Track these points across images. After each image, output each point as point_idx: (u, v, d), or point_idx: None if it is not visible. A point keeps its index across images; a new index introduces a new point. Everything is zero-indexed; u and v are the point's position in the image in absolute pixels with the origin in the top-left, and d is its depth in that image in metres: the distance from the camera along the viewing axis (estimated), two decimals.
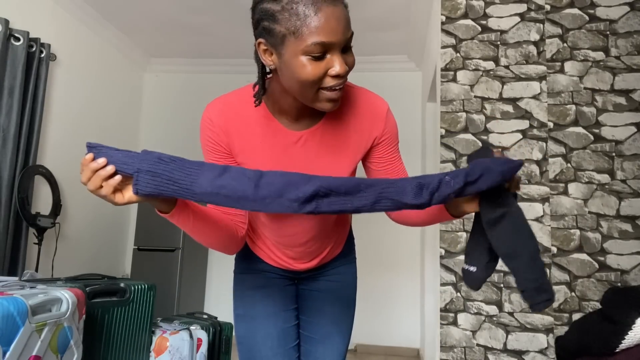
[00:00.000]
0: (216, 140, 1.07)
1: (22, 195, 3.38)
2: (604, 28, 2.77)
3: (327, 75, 0.91)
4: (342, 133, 1.09)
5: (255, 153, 1.08)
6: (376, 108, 1.11)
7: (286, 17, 0.88)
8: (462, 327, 2.65)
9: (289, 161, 1.08)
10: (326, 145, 1.09)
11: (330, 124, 1.09)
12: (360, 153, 1.12)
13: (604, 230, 2.61)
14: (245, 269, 1.30)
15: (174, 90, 5.31)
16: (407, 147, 4.69)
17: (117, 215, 4.86)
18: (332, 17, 0.87)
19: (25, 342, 1.51)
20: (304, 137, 1.08)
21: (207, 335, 2.59)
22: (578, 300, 2.57)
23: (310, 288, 1.32)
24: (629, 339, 1.91)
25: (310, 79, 0.90)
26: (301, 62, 0.89)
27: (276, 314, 1.27)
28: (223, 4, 4.05)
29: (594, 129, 2.70)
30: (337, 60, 0.90)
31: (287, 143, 1.07)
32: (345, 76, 0.93)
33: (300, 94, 0.95)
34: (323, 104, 0.95)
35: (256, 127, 1.07)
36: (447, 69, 2.88)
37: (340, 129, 1.09)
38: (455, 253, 2.72)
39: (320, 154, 1.09)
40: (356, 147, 1.11)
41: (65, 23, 4.07)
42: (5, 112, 3.40)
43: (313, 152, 1.08)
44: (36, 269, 3.48)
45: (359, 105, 1.10)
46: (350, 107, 1.09)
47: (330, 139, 1.09)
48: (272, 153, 1.07)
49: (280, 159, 1.07)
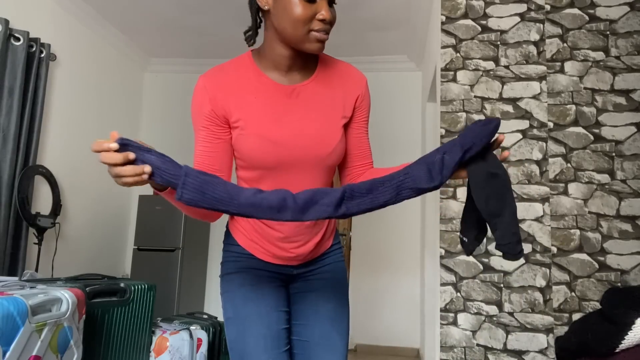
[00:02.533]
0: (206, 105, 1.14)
1: (22, 195, 3.38)
2: (604, 28, 2.77)
3: (316, 18, 1.04)
4: (331, 90, 1.19)
5: (252, 108, 1.14)
6: (358, 75, 1.24)
7: None
8: (462, 327, 2.65)
9: (284, 113, 1.14)
10: (317, 99, 1.17)
11: (320, 81, 1.19)
12: (347, 111, 1.21)
13: (604, 230, 2.61)
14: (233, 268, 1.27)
15: (174, 90, 5.31)
16: (407, 147, 4.73)
17: (117, 215, 4.86)
18: None
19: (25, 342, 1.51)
20: (297, 90, 1.16)
21: (207, 335, 2.59)
22: (578, 300, 2.58)
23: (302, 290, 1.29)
24: (629, 339, 1.91)
25: (301, 18, 1.03)
26: (294, 3, 1.03)
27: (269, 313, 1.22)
28: (223, 4, 4.05)
29: (594, 129, 2.70)
30: (324, 6, 1.04)
31: (281, 96, 1.15)
32: (330, 24, 1.06)
33: (291, 34, 1.06)
34: (312, 44, 1.07)
35: (249, 85, 1.15)
36: (447, 69, 2.88)
37: (328, 86, 1.19)
38: (455, 253, 2.72)
39: (314, 107, 1.16)
40: (343, 104, 1.20)
41: (65, 23, 4.07)
42: (5, 112, 3.40)
43: (307, 104, 1.16)
44: (36, 269, 3.48)
45: (343, 70, 1.22)
46: (336, 70, 1.21)
47: (321, 94, 1.18)
48: (269, 106, 1.14)
49: (277, 111, 1.14)
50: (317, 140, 1.15)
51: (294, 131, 1.14)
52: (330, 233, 1.32)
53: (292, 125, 1.14)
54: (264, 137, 1.12)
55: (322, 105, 1.17)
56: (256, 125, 1.13)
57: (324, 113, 1.17)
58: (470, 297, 2.66)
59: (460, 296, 2.67)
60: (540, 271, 2.63)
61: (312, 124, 1.15)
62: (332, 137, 1.17)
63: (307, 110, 1.16)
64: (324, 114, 1.17)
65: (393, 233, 4.66)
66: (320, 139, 1.15)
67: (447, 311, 2.68)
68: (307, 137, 1.14)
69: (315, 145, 1.15)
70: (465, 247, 1.09)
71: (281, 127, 1.13)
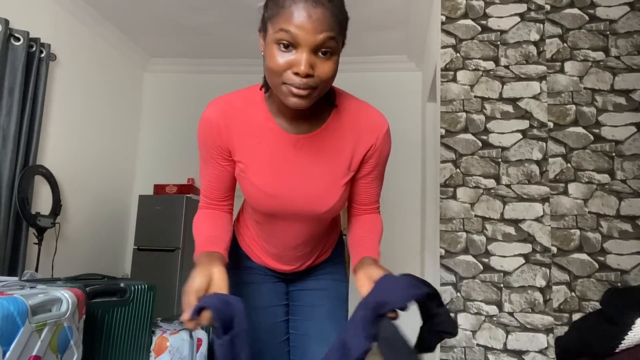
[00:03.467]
0: (212, 140, 1.10)
1: (22, 195, 3.38)
2: (604, 28, 2.77)
3: (290, 70, 0.91)
4: (340, 142, 1.10)
5: (254, 153, 1.09)
6: (375, 123, 1.11)
7: (271, 4, 0.93)
8: (462, 327, 2.65)
9: (285, 165, 1.09)
10: (323, 152, 1.09)
11: (331, 131, 1.09)
12: (354, 164, 1.12)
13: (604, 230, 2.61)
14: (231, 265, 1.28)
15: (174, 90, 5.31)
16: (407, 147, 4.73)
17: (117, 215, 4.86)
18: (306, 13, 0.88)
19: (25, 342, 1.51)
20: (302, 141, 1.08)
21: (207, 335, 2.59)
22: (578, 300, 2.58)
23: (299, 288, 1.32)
24: (629, 339, 1.91)
25: (273, 68, 0.92)
26: (271, 50, 0.92)
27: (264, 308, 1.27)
28: (223, 4, 4.05)
29: (594, 129, 2.70)
30: (302, 58, 0.89)
31: (285, 146, 1.08)
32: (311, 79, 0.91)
33: (270, 84, 0.97)
34: (287, 98, 0.94)
35: (256, 128, 1.08)
36: (447, 69, 2.88)
37: (339, 137, 1.09)
38: (455, 253, 2.72)
39: (318, 162, 1.09)
40: (351, 158, 1.11)
41: (65, 23, 4.07)
42: (5, 112, 3.40)
43: (310, 158, 1.09)
44: (36, 269, 3.48)
45: (360, 118, 1.10)
46: (352, 119, 1.10)
47: (328, 147, 1.09)
48: (270, 155, 1.09)
49: (277, 162, 1.09)
50: (314, 198, 1.11)
51: (292, 185, 1.10)
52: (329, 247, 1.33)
53: (290, 179, 1.09)
54: (260, 188, 1.10)
55: (326, 160, 1.10)
56: (254, 173, 1.10)
57: (327, 169, 1.10)
58: (470, 297, 2.66)
59: (460, 296, 2.67)
60: (540, 271, 2.63)
61: (311, 181, 1.09)
62: (331, 195, 1.11)
63: (310, 165, 1.09)
64: (327, 170, 1.10)
65: (393, 233, 4.66)
66: (317, 197, 1.11)
67: None
68: (304, 194, 1.10)
69: (312, 203, 1.11)
70: None
71: (279, 180, 1.09)
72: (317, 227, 1.20)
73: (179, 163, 4.95)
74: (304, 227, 1.17)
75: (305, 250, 1.24)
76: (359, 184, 1.16)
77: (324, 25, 0.89)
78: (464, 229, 2.73)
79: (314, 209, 1.12)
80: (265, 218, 1.18)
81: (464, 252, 2.70)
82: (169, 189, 4.61)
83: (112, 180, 4.75)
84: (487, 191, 2.73)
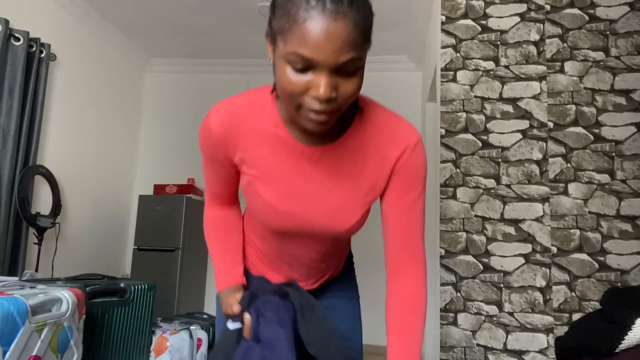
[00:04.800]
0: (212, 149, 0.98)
1: (22, 195, 3.38)
2: (604, 28, 2.77)
3: (308, 94, 0.78)
4: (363, 154, 0.95)
5: (264, 165, 0.96)
6: (403, 134, 0.96)
7: (280, 13, 0.77)
8: (462, 327, 2.65)
9: (299, 179, 0.95)
10: (343, 166, 0.95)
11: (352, 142, 0.94)
12: (380, 182, 0.97)
13: (604, 230, 2.61)
14: None
15: (174, 90, 5.31)
16: None
17: (117, 215, 4.86)
18: (323, 32, 0.72)
19: (25, 342, 1.51)
20: (318, 153, 0.94)
21: (207, 335, 2.59)
22: (578, 300, 2.58)
23: None
24: (629, 340, 1.91)
25: (288, 90, 0.78)
26: (283, 68, 0.78)
27: None
28: (223, 4, 4.05)
29: (594, 129, 2.70)
30: (322, 81, 0.76)
31: (299, 159, 0.94)
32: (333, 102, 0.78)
33: (284, 103, 0.83)
34: (305, 122, 0.82)
35: (265, 137, 0.94)
36: (447, 69, 2.88)
37: (362, 149, 0.95)
38: (455, 253, 2.72)
39: (337, 176, 0.95)
40: (376, 176, 0.96)
41: (65, 23, 4.07)
42: (5, 112, 3.40)
43: (329, 172, 0.95)
44: (36, 269, 3.48)
45: (386, 128, 0.95)
46: (377, 128, 0.95)
47: (348, 160, 0.95)
48: (282, 168, 0.95)
49: (291, 176, 0.95)
50: (332, 217, 0.97)
51: (307, 202, 0.96)
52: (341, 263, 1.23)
53: (305, 196, 0.96)
54: (269, 203, 0.97)
55: (347, 174, 0.95)
56: (263, 186, 0.97)
57: (348, 184, 0.96)
58: (470, 297, 2.66)
59: (460, 296, 2.67)
60: (540, 271, 2.63)
61: (330, 197, 0.96)
62: (352, 213, 0.97)
63: (328, 179, 0.95)
64: (348, 185, 0.96)
65: None
66: (336, 216, 0.97)
67: (447, 311, 2.68)
68: (321, 212, 0.97)
69: (329, 222, 0.98)
70: None
71: (292, 196, 0.96)
72: (332, 247, 1.07)
73: (179, 163, 4.95)
74: (317, 247, 1.05)
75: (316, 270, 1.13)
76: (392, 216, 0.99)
77: (346, 44, 0.74)
78: (464, 229, 2.73)
79: (332, 228, 0.98)
80: (272, 235, 1.05)
81: (464, 252, 2.70)
82: (169, 189, 4.61)
83: (112, 180, 4.76)
84: (487, 191, 2.73)
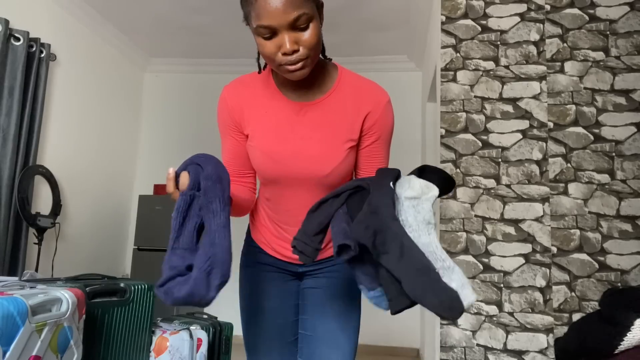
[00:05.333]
0: (227, 116, 1.21)
1: (22, 195, 3.38)
2: (604, 28, 2.77)
3: (279, 52, 1.01)
4: (342, 110, 1.16)
5: (261, 123, 1.18)
6: (374, 93, 1.18)
7: (244, 3, 1.04)
8: (462, 327, 2.65)
9: (288, 131, 1.16)
10: (324, 119, 1.16)
11: (333, 99, 1.16)
12: (354, 132, 1.17)
13: (604, 230, 2.61)
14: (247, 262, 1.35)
15: (174, 90, 5.31)
16: (407, 147, 4.73)
17: (117, 215, 4.86)
18: (270, 2, 0.97)
19: (25, 342, 1.51)
20: (305, 108, 1.16)
21: (207, 335, 2.59)
22: (578, 300, 2.58)
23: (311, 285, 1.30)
24: (628, 341, 1.91)
25: (267, 55, 1.03)
26: (258, 41, 1.03)
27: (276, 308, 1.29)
28: (223, 4, 4.05)
29: (594, 129, 2.70)
30: (284, 39, 1.00)
31: (289, 113, 1.16)
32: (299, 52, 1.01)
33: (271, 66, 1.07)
34: (288, 75, 1.05)
35: (263, 99, 1.18)
36: (447, 69, 2.88)
37: (341, 105, 1.16)
38: (455, 253, 2.72)
39: (319, 127, 1.16)
40: (351, 125, 1.16)
41: (65, 23, 4.07)
42: (5, 112, 3.40)
43: (313, 123, 1.16)
44: (36, 269, 3.48)
45: (361, 88, 1.18)
46: (353, 89, 1.17)
47: (330, 113, 1.16)
48: (276, 123, 1.17)
49: (282, 128, 1.16)
50: (315, 161, 1.15)
51: (294, 149, 1.15)
52: None
53: (293, 144, 1.15)
54: (265, 153, 1.16)
55: (328, 125, 1.16)
56: (261, 140, 1.17)
57: (328, 133, 1.15)
58: None
59: None
60: (540, 271, 2.63)
61: (313, 144, 1.15)
62: (332, 159, 1.15)
63: (312, 130, 1.15)
64: (328, 135, 1.15)
65: None
66: (318, 160, 1.15)
67: None
68: (306, 157, 1.15)
69: (313, 166, 1.15)
70: (306, 252, 1.00)
71: (283, 145, 1.16)
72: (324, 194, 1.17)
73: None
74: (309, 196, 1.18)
75: None
76: (363, 154, 1.20)
77: (289, 5, 0.97)
78: (464, 229, 2.73)
79: (314, 172, 1.16)
80: (273, 190, 1.23)
81: (464, 252, 2.70)
82: None
83: (112, 180, 4.76)
84: (487, 191, 2.73)
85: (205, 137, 4.79)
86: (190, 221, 0.97)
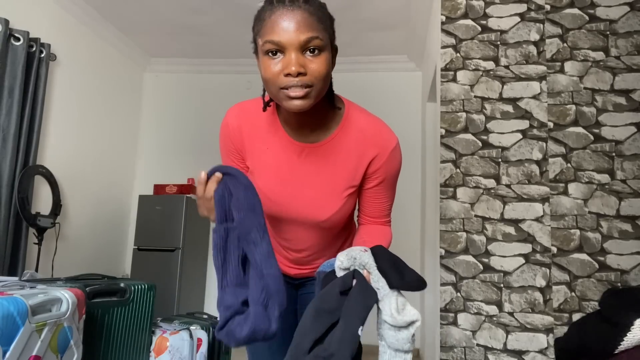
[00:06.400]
0: (229, 142, 1.17)
1: (22, 195, 3.38)
2: (604, 28, 2.77)
3: (282, 74, 0.94)
4: (345, 155, 1.11)
5: (261, 160, 1.14)
6: (381, 137, 1.11)
7: (256, 22, 0.98)
8: (462, 327, 2.65)
9: (288, 172, 1.12)
10: (327, 163, 1.11)
11: (337, 142, 1.10)
12: (357, 178, 1.13)
13: (604, 230, 2.61)
14: None
15: (174, 90, 5.31)
16: (407, 147, 4.68)
17: (117, 215, 4.86)
18: (283, 18, 0.92)
19: (25, 342, 1.51)
20: (307, 150, 1.11)
21: (207, 335, 2.59)
22: (578, 300, 2.58)
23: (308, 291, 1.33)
24: (628, 340, 1.91)
25: (268, 77, 0.95)
26: (263, 61, 0.96)
27: None
28: (223, 4, 4.05)
29: (594, 129, 2.70)
30: (290, 59, 0.92)
31: (290, 154, 1.12)
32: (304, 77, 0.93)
33: (271, 95, 0.99)
34: (288, 103, 0.96)
35: (265, 134, 1.13)
36: (447, 69, 2.88)
37: (344, 150, 1.11)
38: (455, 253, 2.72)
39: (320, 171, 1.11)
40: (354, 170, 1.12)
41: (65, 23, 4.07)
42: (5, 112, 3.40)
43: (314, 167, 1.11)
44: (36, 269, 3.48)
45: (367, 131, 1.11)
46: (360, 130, 1.11)
47: (332, 158, 1.11)
48: (276, 162, 1.13)
49: (282, 169, 1.13)
50: (313, 207, 1.13)
51: (293, 192, 1.13)
52: None
53: (292, 187, 1.12)
54: (263, 193, 1.12)
55: (329, 171, 1.11)
56: (260, 178, 1.14)
57: (329, 179, 1.12)
58: (470, 297, 2.66)
59: (460, 296, 2.67)
60: (540, 271, 2.63)
61: (312, 189, 1.12)
62: (330, 206, 1.13)
63: (312, 174, 1.12)
64: (329, 181, 1.12)
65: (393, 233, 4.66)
66: (316, 206, 1.13)
67: (447, 311, 2.68)
68: (304, 202, 1.13)
69: (310, 211, 1.13)
70: None
71: (281, 186, 1.13)
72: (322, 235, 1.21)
73: (179, 163, 4.95)
74: (308, 234, 1.19)
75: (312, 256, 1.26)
76: (366, 194, 1.17)
77: (304, 25, 0.92)
78: (464, 229, 2.73)
79: (313, 217, 1.14)
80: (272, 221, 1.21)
81: (464, 252, 2.70)
82: (169, 189, 4.61)
83: (112, 180, 4.76)
84: (487, 191, 2.73)
85: (205, 137, 4.79)
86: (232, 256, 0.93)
